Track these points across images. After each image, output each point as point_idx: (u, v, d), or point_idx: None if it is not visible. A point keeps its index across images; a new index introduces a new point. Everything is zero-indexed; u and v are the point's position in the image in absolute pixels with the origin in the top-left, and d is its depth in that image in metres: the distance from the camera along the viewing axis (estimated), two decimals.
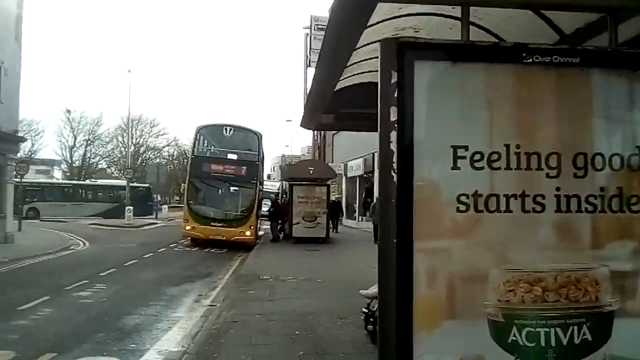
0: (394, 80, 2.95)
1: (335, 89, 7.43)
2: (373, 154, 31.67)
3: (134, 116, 67.43)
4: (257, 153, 24.12)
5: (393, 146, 2.91)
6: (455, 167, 2.97)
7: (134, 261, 17.43)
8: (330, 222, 27.78)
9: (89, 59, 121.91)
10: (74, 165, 67.29)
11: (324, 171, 24.88)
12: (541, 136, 3.12)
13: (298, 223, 23.70)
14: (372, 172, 32.67)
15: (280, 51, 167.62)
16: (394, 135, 2.92)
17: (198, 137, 24.33)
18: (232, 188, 24.13)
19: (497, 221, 2.99)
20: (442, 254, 2.97)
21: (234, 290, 12.08)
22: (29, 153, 63.89)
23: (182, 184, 25.14)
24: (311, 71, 29.67)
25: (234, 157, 24.14)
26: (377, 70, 3.15)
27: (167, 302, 11.20)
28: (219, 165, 23.66)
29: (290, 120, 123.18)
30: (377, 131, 2.99)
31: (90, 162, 69.13)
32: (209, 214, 22.98)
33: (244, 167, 23.60)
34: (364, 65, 7.13)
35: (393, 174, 2.90)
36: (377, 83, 3.07)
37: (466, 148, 2.98)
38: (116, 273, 14.96)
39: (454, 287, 2.97)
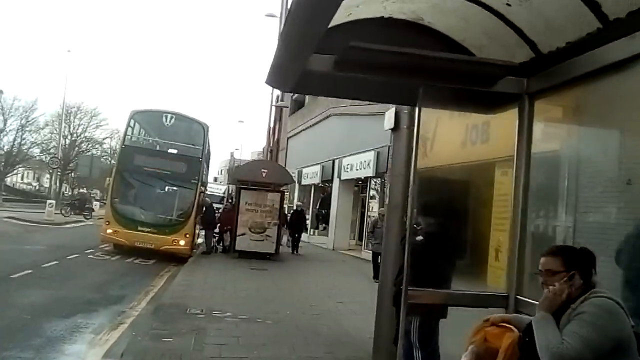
0: None
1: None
2: (333, 160, 28.27)
3: (73, 104, 62.99)
4: (201, 148, 20.13)
5: None
6: None
7: (27, 272, 13.28)
8: (288, 238, 23.92)
9: (25, 37, 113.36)
10: (1, 150, 61.42)
11: (279, 175, 21.04)
12: None
13: (243, 234, 19.90)
14: (330, 180, 29.22)
15: (234, 46, 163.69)
16: None
17: (131, 124, 20.15)
18: (167, 187, 20.15)
19: None
20: None
21: (146, 333, 8.26)
22: None
23: (107, 178, 20.93)
24: None
25: (173, 150, 20.27)
26: None
27: (36, 352, 7.27)
28: (154, 159, 19.67)
29: (242, 122, 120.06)
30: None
31: (22, 149, 63.40)
32: (137, 216, 18.93)
33: (184, 164, 19.67)
34: None
35: None
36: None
37: None
38: None
39: None
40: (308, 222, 33.26)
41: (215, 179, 75.10)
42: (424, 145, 7.53)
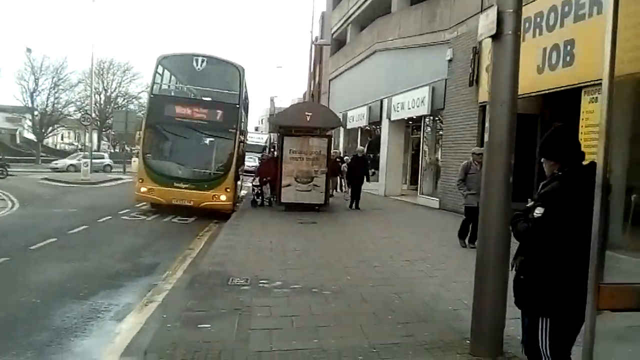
0: None
1: None
2: (381, 100, 26.09)
3: (104, 59, 61.83)
4: (237, 93, 18.18)
5: None
6: None
7: (50, 241, 11.89)
8: (346, 187, 21.83)
9: None
10: (35, 110, 60.73)
11: (324, 118, 18.99)
12: None
13: (289, 185, 18.21)
14: (379, 122, 27.12)
15: None
16: None
17: (159, 70, 18.27)
18: (203, 138, 18.38)
19: None
20: None
21: (178, 316, 6.61)
22: None
23: (138, 132, 19.30)
24: None
25: (207, 97, 18.43)
26: None
27: (37, 354, 5.68)
28: (186, 108, 17.83)
29: (280, 67, 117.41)
30: None
31: (57, 108, 62.54)
32: (173, 171, 17.34)
33: (220, 111, 17.79)
34: None
35: None
36: None
37: None
38: (4, 265, 9.52)
39: None
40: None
41: (257, 129, 73.70)
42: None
